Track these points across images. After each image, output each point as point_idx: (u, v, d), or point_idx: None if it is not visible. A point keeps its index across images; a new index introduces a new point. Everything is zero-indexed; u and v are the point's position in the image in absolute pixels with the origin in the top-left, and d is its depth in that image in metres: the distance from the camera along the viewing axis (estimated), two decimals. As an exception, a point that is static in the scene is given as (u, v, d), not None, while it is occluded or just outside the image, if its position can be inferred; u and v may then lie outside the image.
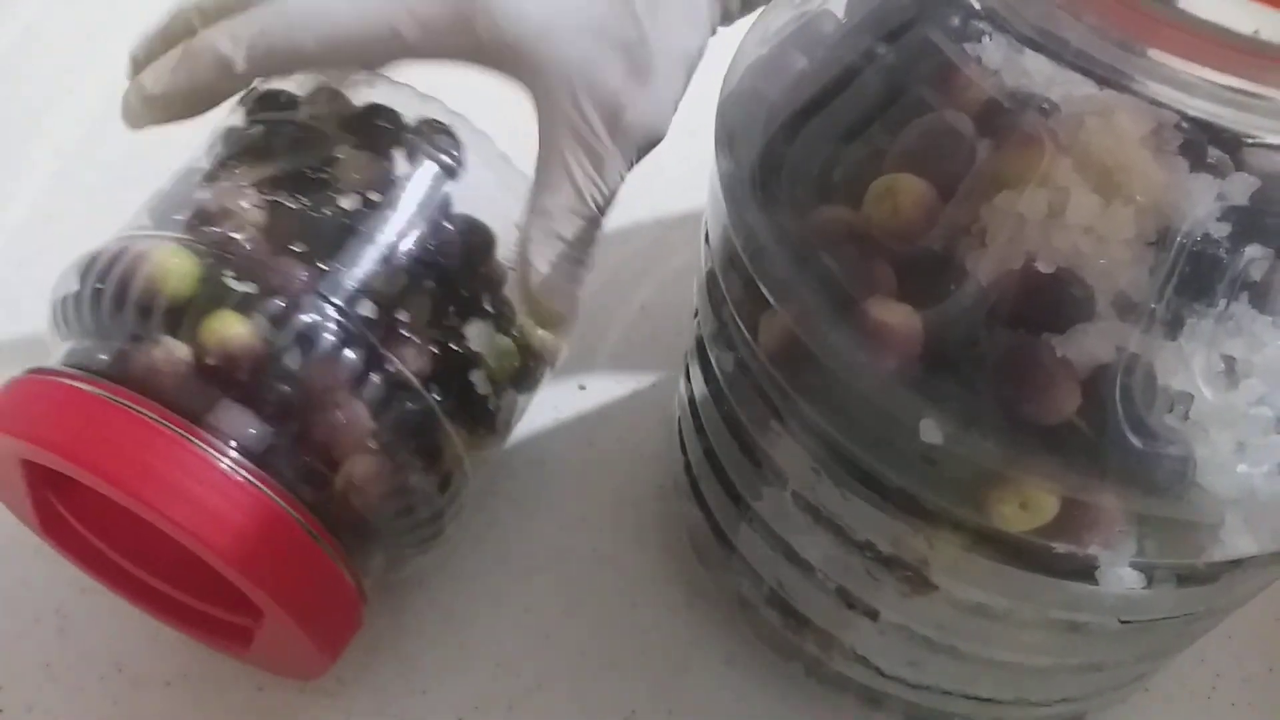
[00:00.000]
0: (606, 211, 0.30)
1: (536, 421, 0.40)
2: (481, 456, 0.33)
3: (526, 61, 0.29)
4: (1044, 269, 0.21)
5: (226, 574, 0.27)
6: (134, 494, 0.26)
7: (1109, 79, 0.20)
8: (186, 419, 0.27)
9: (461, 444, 0.31)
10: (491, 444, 0.33)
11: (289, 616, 0.27)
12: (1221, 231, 0.20)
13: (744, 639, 0.35)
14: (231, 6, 0.29)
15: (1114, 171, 0.20)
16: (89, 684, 0.34)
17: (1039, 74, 0.21)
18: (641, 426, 0.41)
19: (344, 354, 0.28)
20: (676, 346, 0.35)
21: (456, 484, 0.31)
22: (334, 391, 0.28)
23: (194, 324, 0.28)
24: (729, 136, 0.26)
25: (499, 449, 0.35)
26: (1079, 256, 0.21)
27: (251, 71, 0.29)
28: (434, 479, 0.30)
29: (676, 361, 0.35)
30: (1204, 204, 0.20)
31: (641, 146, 0.30)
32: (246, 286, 0.28)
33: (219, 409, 0.27)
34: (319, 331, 0.28)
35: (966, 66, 0.22)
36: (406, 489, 0.30)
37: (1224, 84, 0.19)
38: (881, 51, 0.24)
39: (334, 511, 0.29)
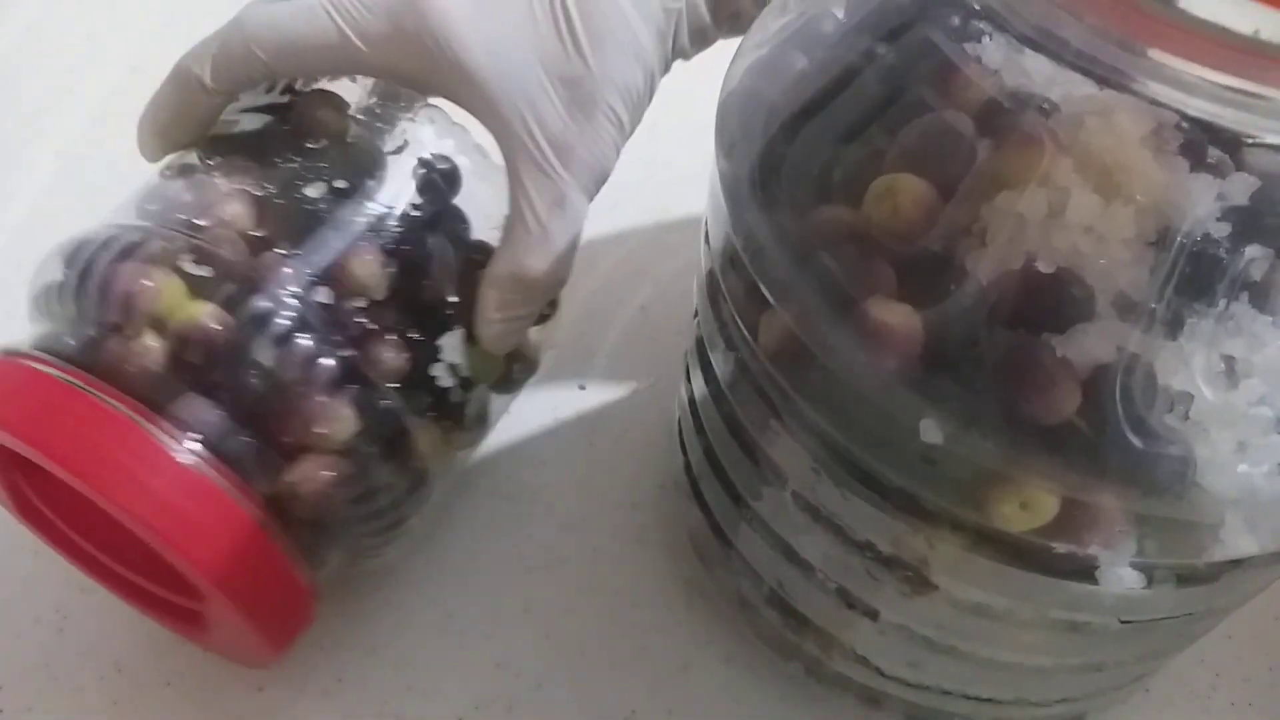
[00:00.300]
0: (575, 248, 0.31)
1: (536, 421, 0.40)
2: (451, 452, 0.33)
3: (478, 92, 0.29)
4: (1044, 269, 0.21)
5: (171, 559, 0.27)
6: (80, 475, 0.26)
7: (1109, 79, 0.20)
8: (151, 407, 0.27)
9: (427, 438, 0.31)
10: (462, 441, 0.33)
11: (232, 605, 0.28)
12: (1222, 231, 0.20)
13: (744, 639, 0.35)
14: None
15: (1114, 171, 0.20)
16: (89, 684, 0.34)
17: (1039, 74, 0.21)
18: (641, 426, 0.41)
19: (296, 341, 0.28)
20: (676, 346, 0.35)
21: (418, 478, 0.31)
22: (288, 380, 0.28)
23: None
24: (729, 137, 0.26)
25: (473, 445, 0.35)
26: (1079, 256, 0.21)
27: (220, 86, 0.30)
28: (392, 472, 0.30)
29: (676, 361, 0.35)
30: (1204, 204, 0.20)
31: (595, 182, 0.31)
32: (203, 270, 0.28)
33: (181, 398, 0.28)
34: (271, 317, 0.28)
35: (966, 66, 0.22)
36: (362, 481, 0.29)
37: (1224, 84, 0.19)
38: (881, 51, 0.24)
39: (288, 503, 0.29)
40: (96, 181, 0.47)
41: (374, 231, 0.31)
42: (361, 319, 0.30)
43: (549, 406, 0.41)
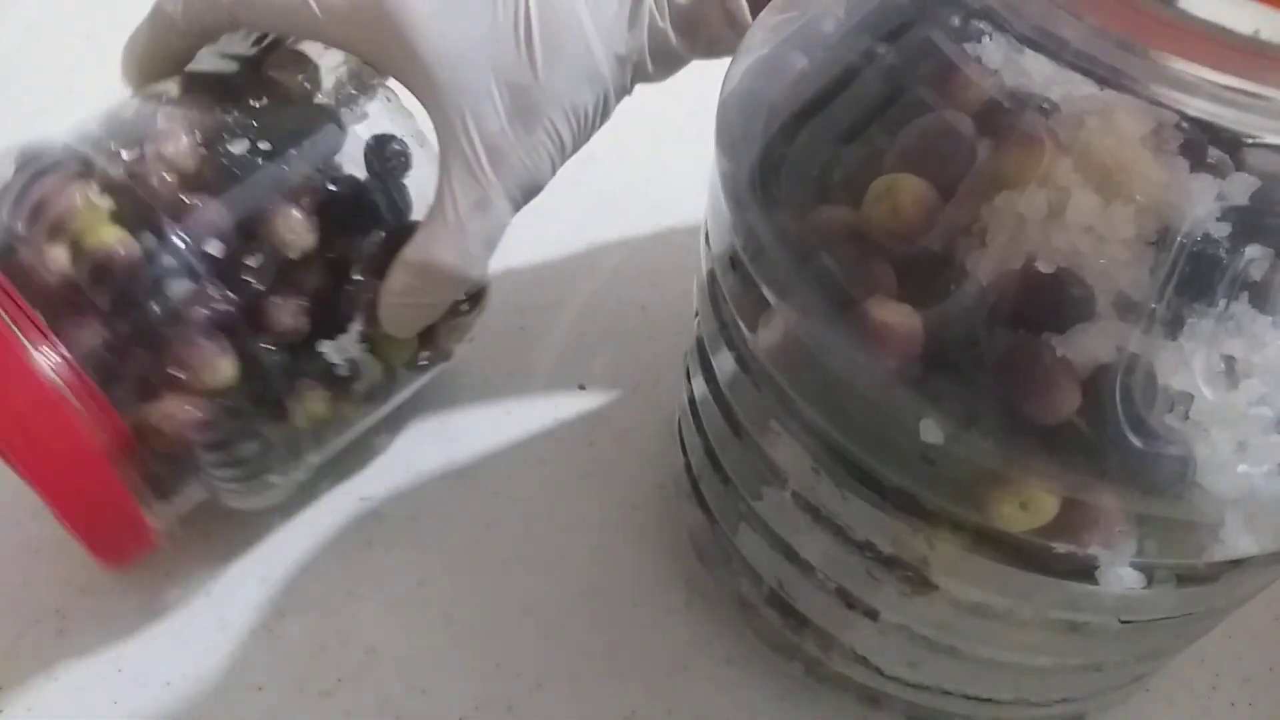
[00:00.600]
0: (491, 251, 0.31)
1: (536, 421, 0.40)
2: (337, 422, 0.34)
3: (424, 79, 0.29)
4: (1044, 269, 0.21)
5: (7, 459, 0.29)
6: None
7: (1109, 79, 0.20)
8: (45, 317, 0.29)
9: (309, 403, 0.32)
10: (348, 413, 0.34)
11: (61, 517, 0.29)
12: (1222, 231, 0.20)
13: (744, 639, 0.35)
14: None
15: (1114, 171, 0.20)
16: (89, 684, 0.34)
17: (1039, 74, 0.21)
18: (641, 426, 0.41)
19: (177, 282, 0.29)
20: (676, 346, 0.35)
21: (290, 439, 0.32)
22: (164, 318, 0.29)
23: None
24: (729, 137, 0.26)
25: (363, 419, 0.35)
26: (1079, 256, 0.21)
27: (190, 28, 0.31)
28: (260, 427, 0.31)
29: (676, 361, 0.35)
30: (1204, 204, 0.20)
31: (523, 192, 0.31)
32: (126, 199, 0.29)
33: (72, 315, 0.29)
34: (161, 254, 0.29)
35: (966, 66, 0.22)
36: (223, 429, 0.30)
37: (1224, 84, 0.19)
38: (881, 51, 0.24)
39: (149, 434, 0.30)
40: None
41: (310, 194, 0.31)
42: (259, 276, 0.30)
43: (549, 406, 0.41)
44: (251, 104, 0.32)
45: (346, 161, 0.33)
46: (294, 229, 0.31)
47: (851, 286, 0.23)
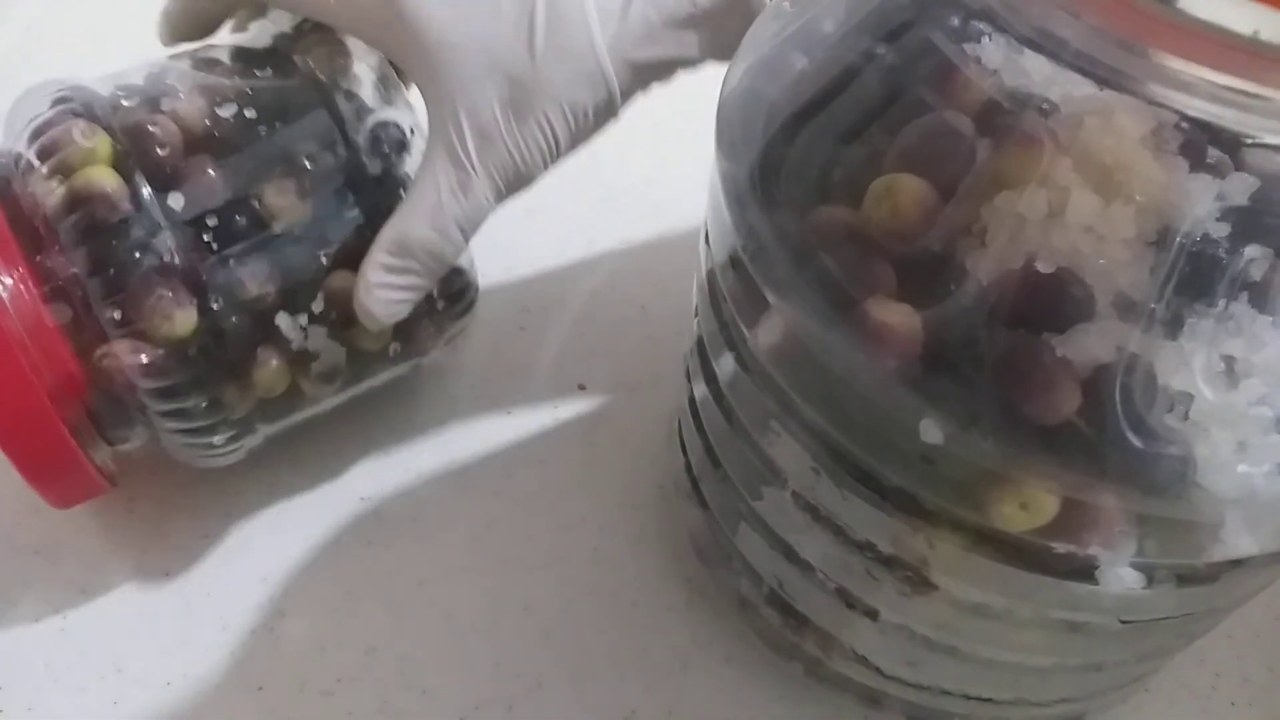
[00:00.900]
0: (469, 234, 0.31)
1: (536, 421, 0.40)
2: (297, 395, 0.34)
3: (422, 59, 0.30)
4: (1044, 269, 0.21)
5: None
6: None
7: (1109, 79, 0.20)
8: (25, 245, 0.30)
9: (266, 371, 0.32)
10: (307, 389, 0.34)
11: (4, 452, 0.30)
12: (1221, 231, 0.20)
13: (744, 638, 0.35)
14: None
15: (1114, 171, 0.21)
16: (89, 684, 0.34)
17: (1039, 74, 0.21)
18: (641, 426, 0.41)
19: (150, 231, 0.30)
20: (676, 346, 0.35)
21: (243, 402, 0.33)
22: (125, 263, 0.30)
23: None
24: (729, 137, 0.26)
25: (321, 398, 0.36)
26: (1079, 256, 0.21)
27: None
28: (211, 385, 0.32)
29: (676, 361, 0.35)
30: (1204, 204, 0.20)
31: (507, 182, 0.31)
32: (106, 145, 0.30)
33: (52, 248, 0.30)
34: (141, 203, 0.30)
35: (966, 67, 0.22)
36: (170, 379, 0.31)
37: (1223, 84, 0.19)
38: (881, 52, 0.24)
39: (100, 374, 0.31)
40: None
41: (306, 172, 0.32)
42: (236, 240, 0.31)
43: (549, 406, 0.41)
44: (265, 79, 0.33)
45: (350, 149, 0.33)
46: (285, 201, 0.32)
47: (851, 286, 0.23)
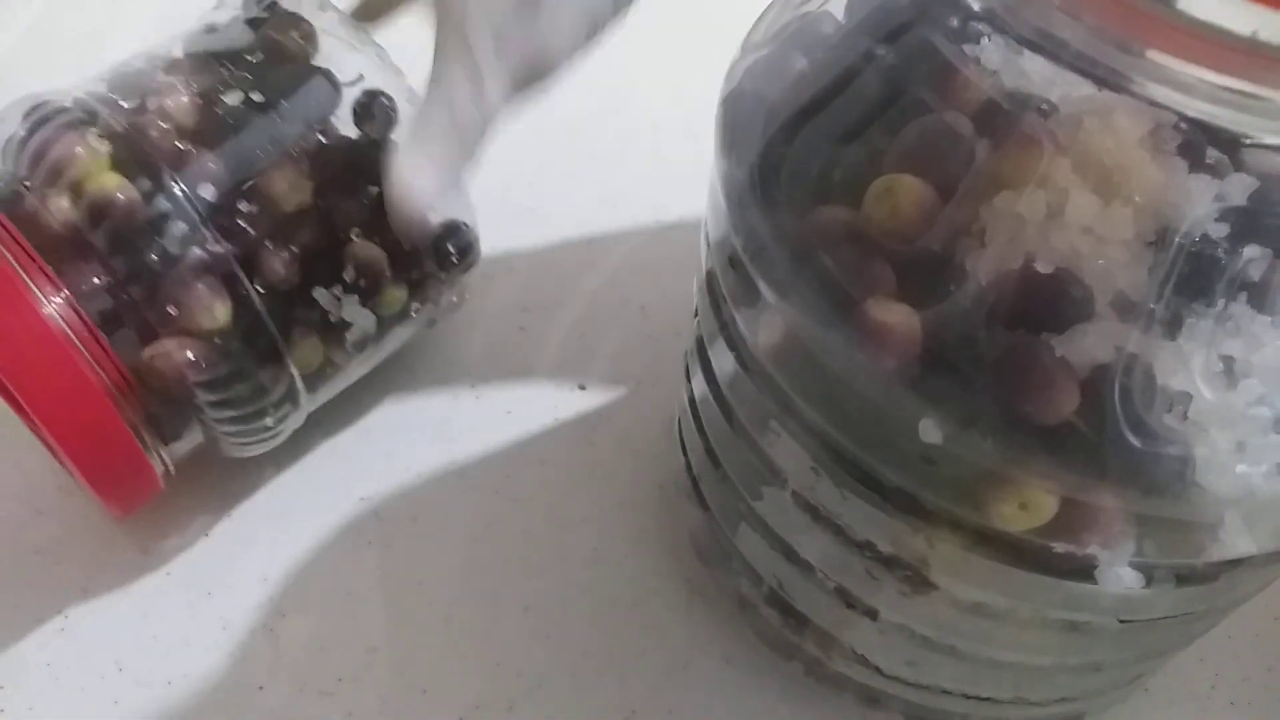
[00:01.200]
0: (484, 131, 0.31)
1: (536, 421, 0.40)
2: (331, 368, 0.35)
3: None
4: (1043, 269, 0.21)
5: (20, 401, 0.29)
6: None
7: (1107, 80, 0.20)
8: (48, 262, 0.30)
9: (303, 349, 0.33)
10: (342, 360, 0.35)
11: (67, 455, 0.30)
12: (1220, 232, 0.20)
13: (744, 638, 0.35)
14: None
15: (1113, 172, 0.21)
16: (89, 684, 0.34)
17: (1038, 75, 0.21)
18: (641, 426, 0.41)
19: (171, 226, 0.30)
20: (676, 346, 0.35)
21: (286, 382, 0.33)
22: (160, 261, 0.30)
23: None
24: (729, 137, 0.26)
25: (357, 366, 0.36)
26: (1078, 257, 0.21)
27: None
28: (255, 370, 0.32)
29: (676, 361, 0.35)
30: (1202, 204, 0.20)
31: (521, 77, 0.31)
32: (127, 149, 0.31)
33: (74, 260, 0.30)
34: (156, 198, 0.30)
35: (965, 67, 0.22)
36: (218, 371, 0.31)
37: (1222, 85, 0.19)
38: (881, 52, 0.24)
39: (148, 375, 0.31)
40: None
41: (304, 150, 0.32)
42: (253, 225, 0.31)
43: (549, 406, 0.41)
44: (250, 62, 0.33)
45: (341, 122, 0.34)
46: (289, 182, 0.32)
47: (851, 286, 0.23)
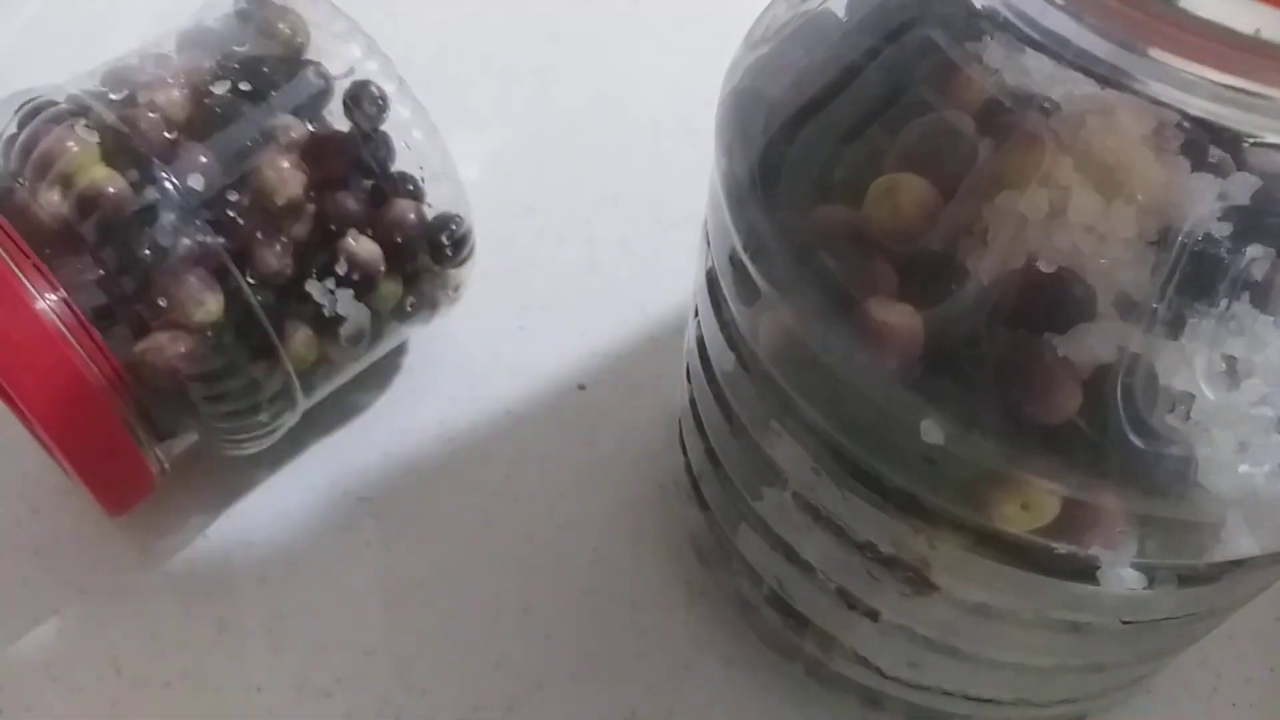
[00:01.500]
0: None
1: (536, 421, 0.40)
2: (325, 362, 0.35)
3: None
4: (1045, 268, 0.21)
5: (12, 396, 0.29)
6: None
7: (1110, 78, 0.20)
8: (39, 256, 0.29)
9: (297, 343, 0.33)
10: (335, 354, 0.35)
11: (60, 451, 0.30)
12: (1223, 231, 0.20)
13: (744, 639, 0.35)
14: None
15: (1115, 171, 0.20)
16: (88, 684, 0.34)
17: (1040, 73, 0.21)
18: (641, 426, 0.41)
19: (163, 221, 0.30)
20: (676, 346, 0.35)
21: (279, 376, 0.33)
22: (149, 255, 0.30)
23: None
24: (729, 136, 0.26)
25: (350, 361, 0.36)
26: (1080, 256, 0.21)
27: None
28: (248, 363, 0.32)
29: (676, 361, 0.35)
30: (1205, 203, 0.20)
31: None
32: (118, 143, 0.30)
33: (66, 254, 0.30)
34: (144, 191, 0.30)
35: (967, 66, 0.22)
36: (212, 364, 0.31)
37: (1225, 83, 0.19)
38: (882, 51, 0.24)
39: (141, 370, 0.30)
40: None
41: (295, 142, 0.32)
42: (245, 218, 0.31)
43: (549, 406, 0.41)
44: (241, 54, 0.33)
45: (333, 116, 0.34)
46: (280, 175, 0.32)
47: (852, 286, 0.23)
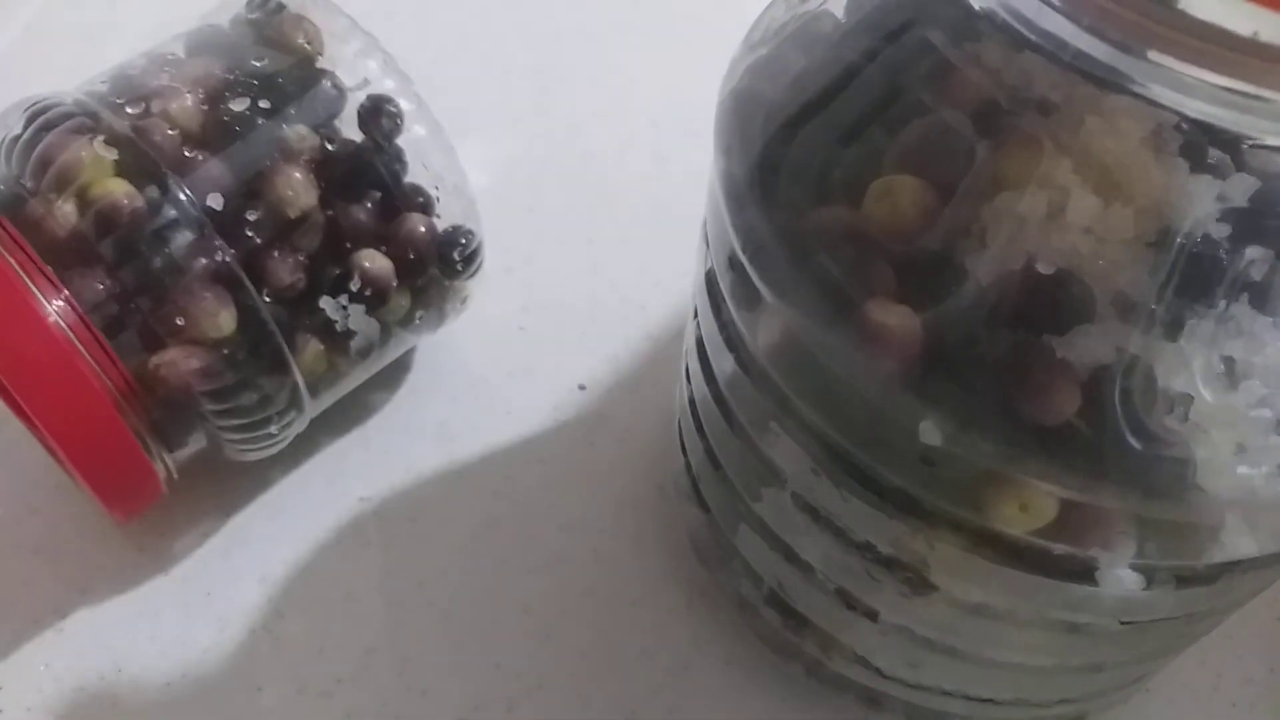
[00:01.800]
0: None
1: (536, 421, 0.40)
2: (334, 374, 0.35)
3: None
4: (1044, 270, 0.21)
5: (24, 406, 0.29)
6: None
7: (1108, 80, 0.20)
8: (53, 268, 0.29)
9: (308, 356, 0.33)
10: (345, 366, 0.35)
11: (69, 459, 0.30)
12: (1221, 232, 0.20)
13: (744, 640, 0.35)
14: None
15: (1114, 172, 0.20)
16: (89, 684, 0.34)
17: (1038, 74, 0.21)
18: (641, 426, 0.41)
19: (176, 234, 0.30)
20: (676, 346, 0.35)
21: (290, 389, 0.33)
22: (164, 269, 0.30)
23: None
24: (728, 136, 0.26)
25: (361, 373, 0.36)
26: (1079, 257, 0.21)
27: None
28: (261, 377, 0.32)
29: (676, 361, 0.35)
30: (1204, 205, 0.20)
31: None
32: (131, 154, 0.30)
33: (79, 267, 0.30)
34: (161, 206, 0.30)
35: (966, 67, 0.22)
36: (225, 379, 0.31)
37: (1223, 86, 0.19)
38: (881, 52, 0.24)
39: (153, 382, 0.31)
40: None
41: (309, 155, 0.32)
42: (259, 232, 0.31)
43: (549, 406, 0.41)
44: (254, 65, 0.33)
45: (345, 125, 0.33)
46: (293, 188, 0.31)
47: (851, 287, 0.23)
